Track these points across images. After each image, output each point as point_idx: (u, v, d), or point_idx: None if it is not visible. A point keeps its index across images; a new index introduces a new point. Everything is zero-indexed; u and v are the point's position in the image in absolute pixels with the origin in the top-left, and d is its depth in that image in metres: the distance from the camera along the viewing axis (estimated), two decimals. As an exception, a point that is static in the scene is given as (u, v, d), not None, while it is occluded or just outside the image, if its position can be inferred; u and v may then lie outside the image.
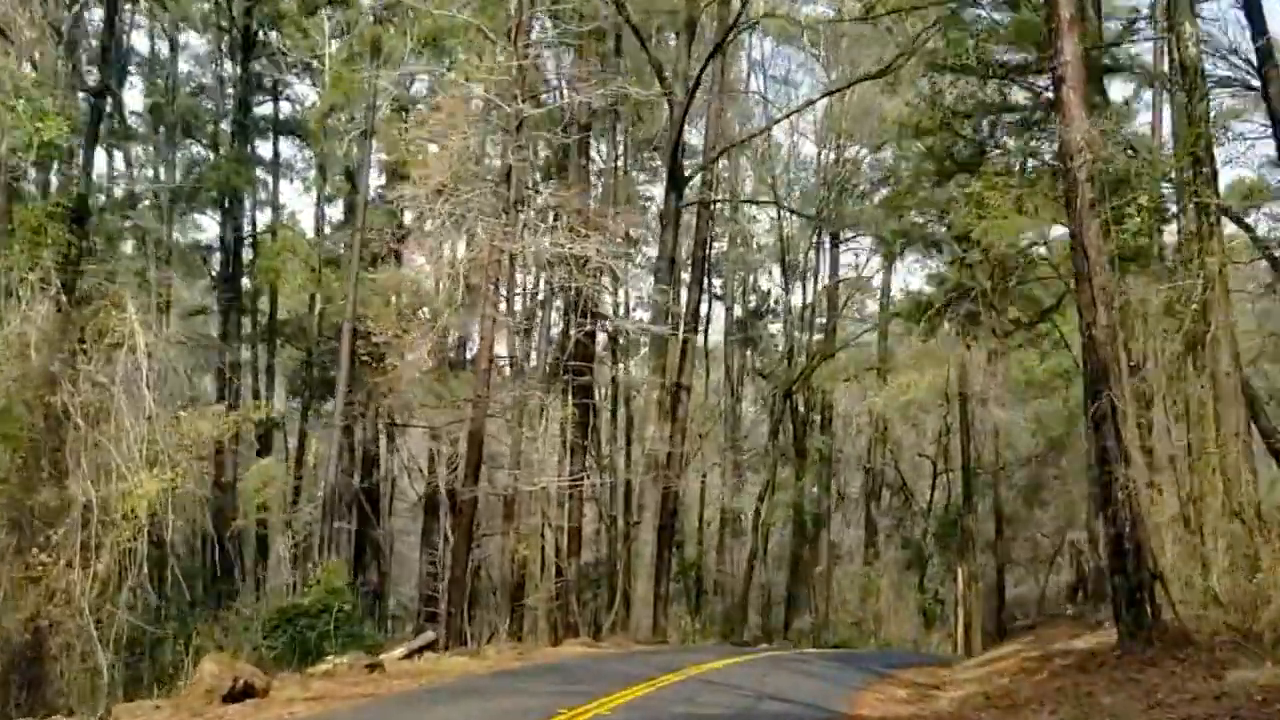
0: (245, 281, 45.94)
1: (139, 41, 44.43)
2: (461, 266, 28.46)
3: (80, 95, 27.79)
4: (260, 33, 41.60)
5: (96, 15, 31.11)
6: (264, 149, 46.30)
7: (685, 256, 37.30)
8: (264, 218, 46.56)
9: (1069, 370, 54.83)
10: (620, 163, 41.63)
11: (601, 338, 43.83)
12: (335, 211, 44.60)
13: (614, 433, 43.14)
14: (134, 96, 47.28)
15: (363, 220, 32.37)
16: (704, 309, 45.59)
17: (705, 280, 41.19)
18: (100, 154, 42.21)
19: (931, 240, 22.66)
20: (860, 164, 47.74)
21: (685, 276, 37.24)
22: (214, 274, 46.32)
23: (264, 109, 45.74)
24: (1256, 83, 19.19)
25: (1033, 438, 50.68)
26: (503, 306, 28.63)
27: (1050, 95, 18.56)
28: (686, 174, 34.68)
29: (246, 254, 45.37)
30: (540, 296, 35.49)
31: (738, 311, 51.61)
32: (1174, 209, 20.63)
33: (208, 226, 47.30)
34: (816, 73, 47.15)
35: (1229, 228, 21.04)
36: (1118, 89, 40.31)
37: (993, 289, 24.52)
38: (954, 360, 47.15)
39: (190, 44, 45.55)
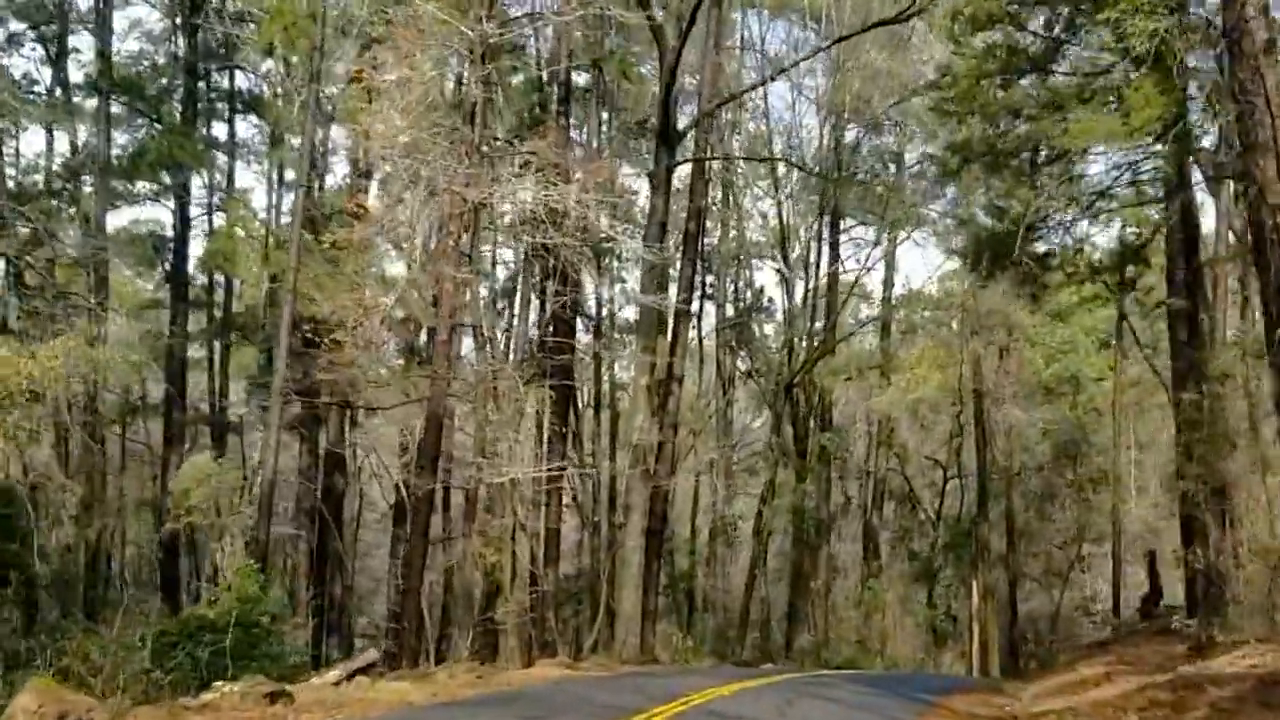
0: (198, 273, 42.12)
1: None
2: (421, 221, 24.40)
3: None
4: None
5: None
6: (220, 131, 42.35)
7: (677, 243, 33.34)
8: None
9: (1076, 375, 51.33)
10: (604, 130, 37.60)
11: (585, 339, 40.02)
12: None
13: (597, 431, 39.07)
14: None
15: (307, 167, 28.28)
16: (697, 291, 41.67)
17: (699, 259, 37.13)
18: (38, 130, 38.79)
19: (999, 154, 18.53)
20: (870, 130, 43.81)
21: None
22: (166, 266, 42.39)
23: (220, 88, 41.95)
24: None
25: (1038, 443, 46.81)
26: (468, 270, 24.40)
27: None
28: (680, 127, 30.66)
29: (201, 244, 41.34)
30: (513, 263, 31.42)
31: (730, 311, 47.43)
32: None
33: (160, 215, 43.21)
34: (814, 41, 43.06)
35: None
36: None
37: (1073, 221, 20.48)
38: (967, 355, 43.32)
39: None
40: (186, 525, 28.78)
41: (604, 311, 31.05)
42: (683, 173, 35.21)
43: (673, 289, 31.09)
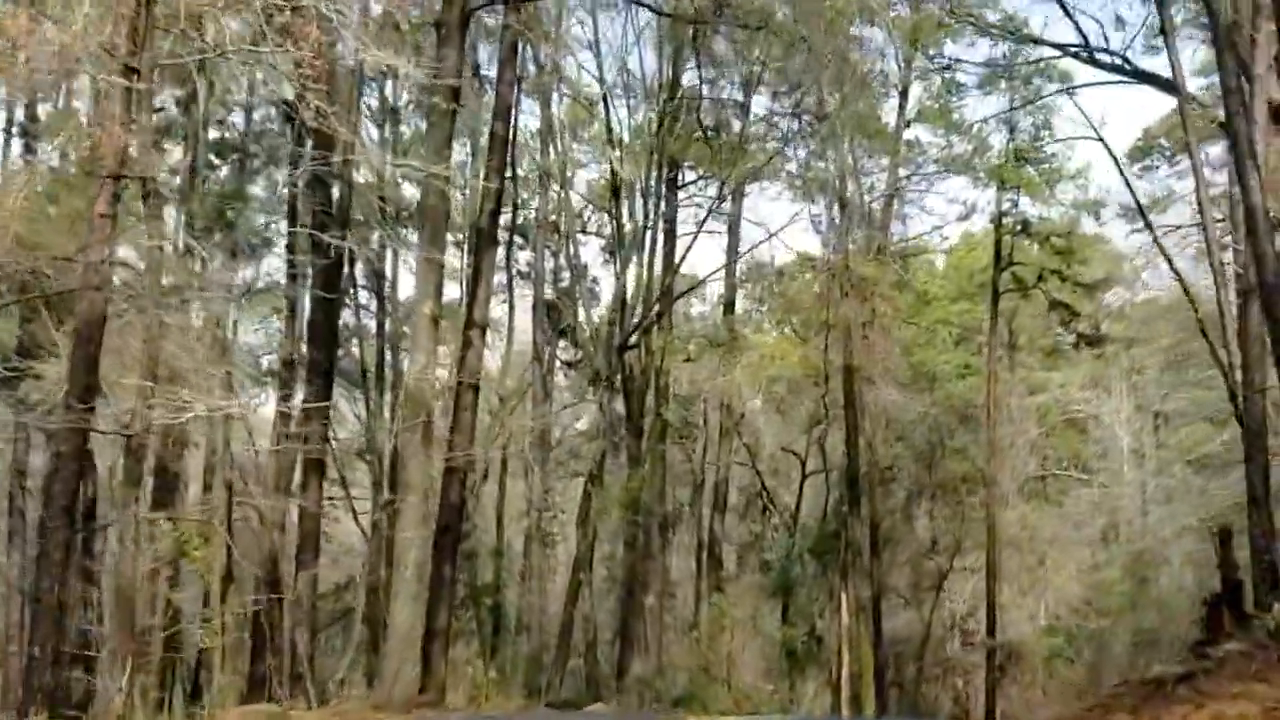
0: None
1: None
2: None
3: None
4: None
5: None
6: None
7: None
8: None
9: (971, 364, 45.17)
10: None
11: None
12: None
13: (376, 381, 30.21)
14: None
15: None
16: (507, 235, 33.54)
17: (511, 166, 29.02)
18: None
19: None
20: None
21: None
22: None
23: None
24: None
25: (912, 429, 40.12)
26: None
27: None
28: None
29: None
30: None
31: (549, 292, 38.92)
32: None
33: None
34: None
35: None
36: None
37: None
38: (836, 320, 36.23)
39: None
40: None
41: (379, 202, 22.42)
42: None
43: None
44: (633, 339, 32.64)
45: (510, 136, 27.55)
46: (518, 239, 38.60)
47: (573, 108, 38.19)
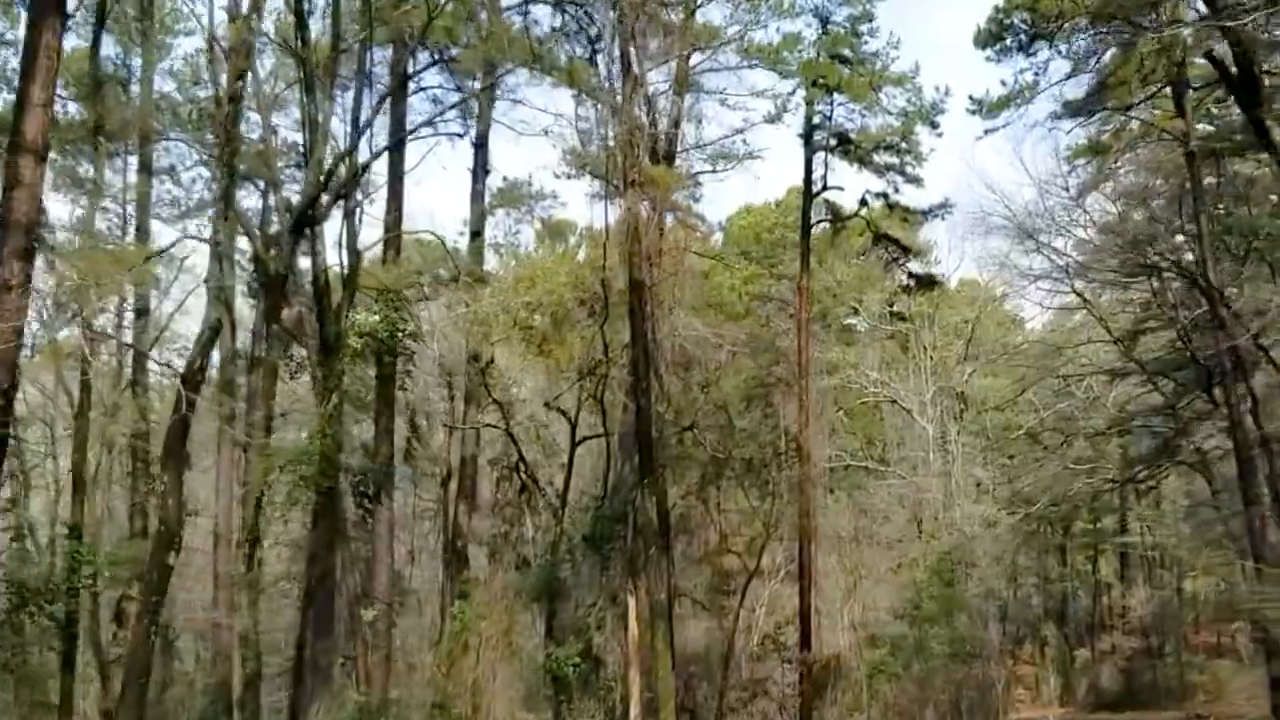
0: None
1: None
2: None
3: None
4: None
5: None
6: None
7: None
8: None
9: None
10: None
11: None
12: None
13: None
14: None
15: None
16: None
17: None
18: None
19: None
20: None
21: None
22: None
23: None
24: None
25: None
26: None
27: None
28: None
29: None
30: None
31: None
32: None
33: None
34: None
35: None
36: None
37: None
38: (617, 221, 26.66)
39: None
40: None
41: None
42: None
43: None
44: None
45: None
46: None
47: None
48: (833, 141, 33.28)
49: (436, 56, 29.72)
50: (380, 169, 27.69)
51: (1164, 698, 63.94)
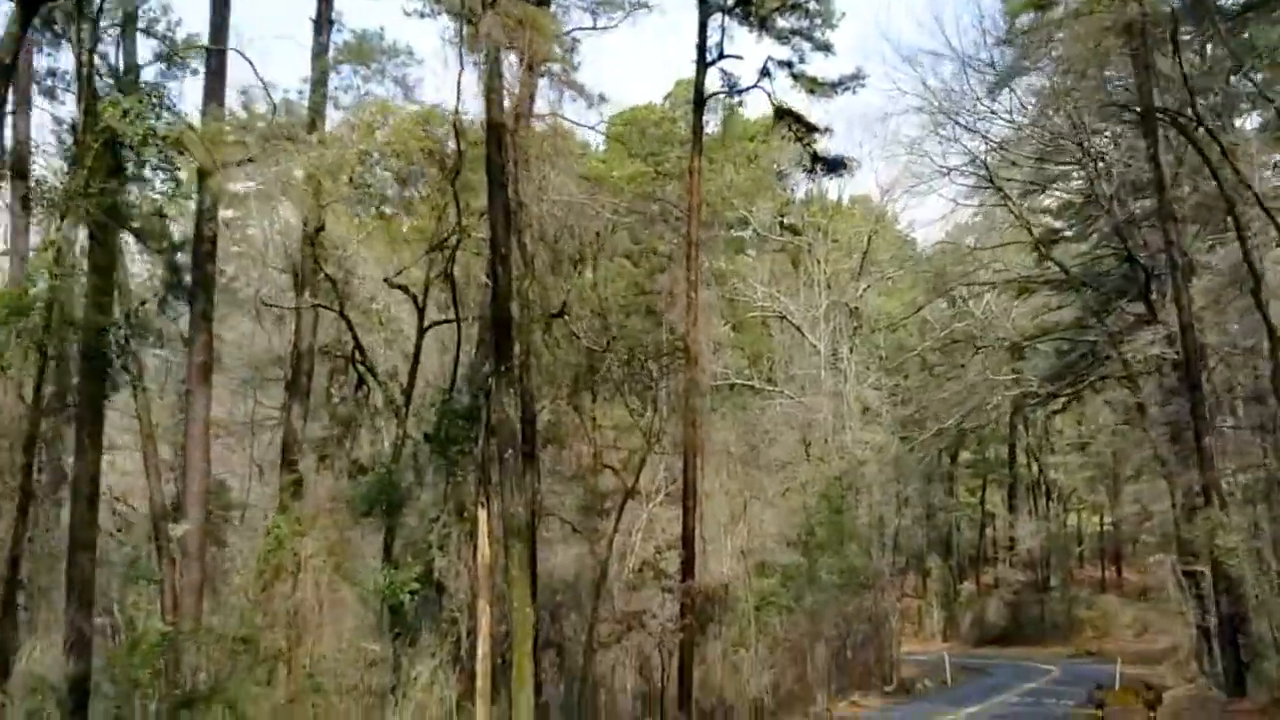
0: None
1: None
2: None
3: None
4: None
5: None
6: None
7: None
8: None
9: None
10: None
11: None
12: None
13: None
14: None
15: None
16: None
17: None
18: None
19: None
20: None
21: None
22: None
23: None
24: None
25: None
26: None
27: None
28: None
29: None
30: None
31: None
32: None
33: None
34: None
35: None
36: None
37: None
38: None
39: None
40: None
41: None
42: None
43: None
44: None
45: None
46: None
47: None
48: (730, 1, 28.84)
49: None
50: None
51: (1050, 633, 62.66)
